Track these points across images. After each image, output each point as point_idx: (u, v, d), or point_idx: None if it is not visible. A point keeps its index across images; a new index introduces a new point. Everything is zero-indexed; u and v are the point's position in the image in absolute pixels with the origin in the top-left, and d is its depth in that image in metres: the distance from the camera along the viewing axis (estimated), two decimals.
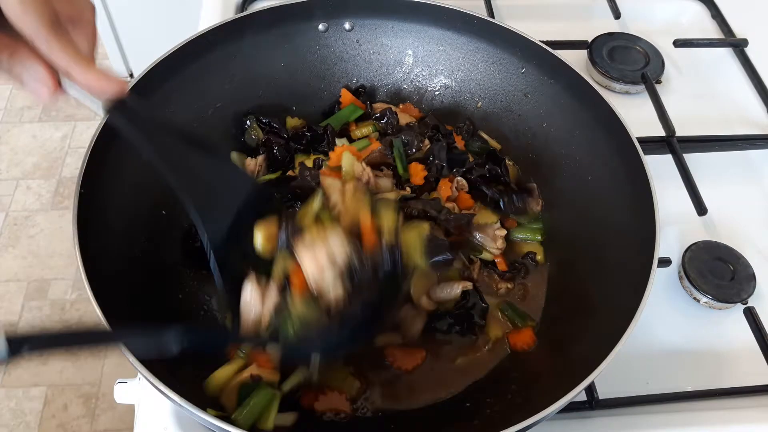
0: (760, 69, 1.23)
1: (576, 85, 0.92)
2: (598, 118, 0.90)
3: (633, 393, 0.84)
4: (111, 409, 2.04)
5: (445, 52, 1.04)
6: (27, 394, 2.07)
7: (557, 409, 0.66)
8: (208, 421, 0.63)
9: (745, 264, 0.96)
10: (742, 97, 1.22)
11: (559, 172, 0.96)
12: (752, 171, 1.12)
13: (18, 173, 2.64)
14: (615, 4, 1.31)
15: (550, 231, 0.96)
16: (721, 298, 0.93)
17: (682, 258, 0.96)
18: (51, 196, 2.57)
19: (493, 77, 1.02)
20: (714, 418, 0.83)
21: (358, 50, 1.05)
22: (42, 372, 2.11)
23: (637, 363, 0.88)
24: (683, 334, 0.92)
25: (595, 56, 1.22)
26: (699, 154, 1.09)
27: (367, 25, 1.03)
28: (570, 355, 0.80)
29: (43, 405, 2.05)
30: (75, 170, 2.62)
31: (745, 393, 0.85)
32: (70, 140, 2.76)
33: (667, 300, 0.96)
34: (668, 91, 1.21)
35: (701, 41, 1.26)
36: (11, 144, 2.74)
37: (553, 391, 0.67)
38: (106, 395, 2.06)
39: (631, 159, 0.84)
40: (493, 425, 0.65)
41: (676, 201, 1.00)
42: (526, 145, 1.02)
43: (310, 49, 1.03)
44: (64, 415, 2.03)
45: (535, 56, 0.96)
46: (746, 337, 0.91)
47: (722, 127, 1.16)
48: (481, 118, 1.06)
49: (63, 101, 0.63)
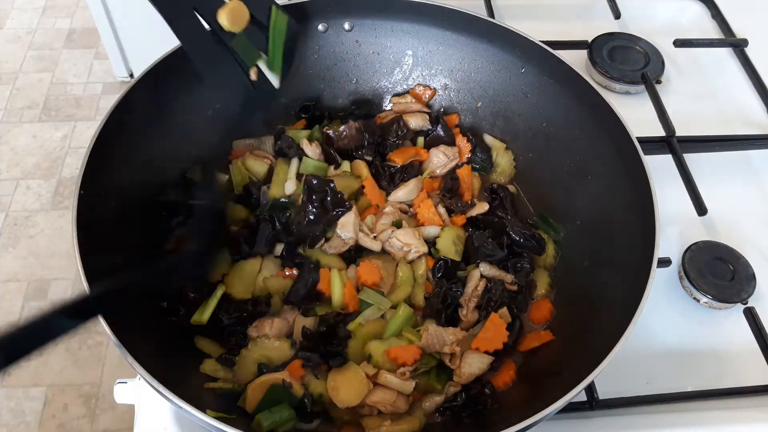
0: (760, 69, 1.23)
1: (576, 85, 0.92)
2: (598, 118, 0.90)
3: (633, 393, 0.84)
4: (111, 409, 2.04)
5: (445, 52, 1.04)
6: (27, 394, 2.07)
7: (557, 409, 0.66)
8: (206, 422, 0.63)
9: (745, 264, 0.96)
10: (742, 97, 1.22)
11: (559, 172, 0.96)
12: (752, 171, 1.12)
13: (18, 173, 2.64)
14: (615, 4, 1.31)
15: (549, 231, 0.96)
16: (721, 298, 0.93)
17: (682, 258, 0.96)
18: (51, 196, 2.57)
19: (493, 77, 1.02)
20: (714, 418, 0.83)
21: (357, 50, 1.05)
22: (42, 372, 2.11)
23: (637, 363, 0.88)
24: (683, 334, 0.92)
25: (595, 56, 1.22)
26: (699, 154, 1.09)
27: (366, 26, 1.03)
28: (570, 355, 0.80)
29: (43, 405, 2.05)
30: (75, 170, 2.63)
31: (745, 393, 0.85)
32: (70, 140, 2.75)
33: (667, 300, 0.96)
34: (668, 91, 1.21)
35: (701, 41, 1.26)
36: (11, 144, 2.74)
37: (553, 391, 0.67)
38: (106, 395, 2.06)
39: (631, 159, 0.84)
40: (494, 425, 0.65)
41: (676, 201, 1.00)
42: (526, 145, 1.02)
43: (310, 50, 1.03)
44: (64, 415, 2.03)
45: (535, 56, 0.96)
46: (746, 337, 0.91)
47: (722, 127, 1.16)
48: (481, 118, 1.06)
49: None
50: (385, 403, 0.78)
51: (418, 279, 0.90)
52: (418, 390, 0.81)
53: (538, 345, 0.86)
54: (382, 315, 0.85)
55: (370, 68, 1.07)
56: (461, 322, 0.87)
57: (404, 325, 0.84)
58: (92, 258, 0.72)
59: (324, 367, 0.81)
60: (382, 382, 0.79)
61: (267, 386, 0.77)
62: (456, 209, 0.96)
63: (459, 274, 0.90)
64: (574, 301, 0.88)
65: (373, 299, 0.85)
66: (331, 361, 0.81)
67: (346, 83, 1.07)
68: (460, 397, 0.81)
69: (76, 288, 2.28)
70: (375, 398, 0.78)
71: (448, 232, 0.92)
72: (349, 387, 0.78)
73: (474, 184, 1.01)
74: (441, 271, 0.89)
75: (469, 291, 0.87)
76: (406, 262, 0.90)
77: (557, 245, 0.95)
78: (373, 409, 0.79)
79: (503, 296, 0.88)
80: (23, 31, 3.18)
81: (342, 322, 0.83)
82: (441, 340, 0.82)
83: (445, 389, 0.82)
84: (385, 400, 0.78)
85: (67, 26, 3.20)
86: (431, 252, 0.91)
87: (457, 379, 0.82)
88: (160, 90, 0.90)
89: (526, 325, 0.89)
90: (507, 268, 0.91)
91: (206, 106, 0.97)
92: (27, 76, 2.99)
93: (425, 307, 0.88)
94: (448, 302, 0.87)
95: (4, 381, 2.09)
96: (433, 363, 0.83)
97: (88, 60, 3.07)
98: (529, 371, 0.85)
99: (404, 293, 0.88)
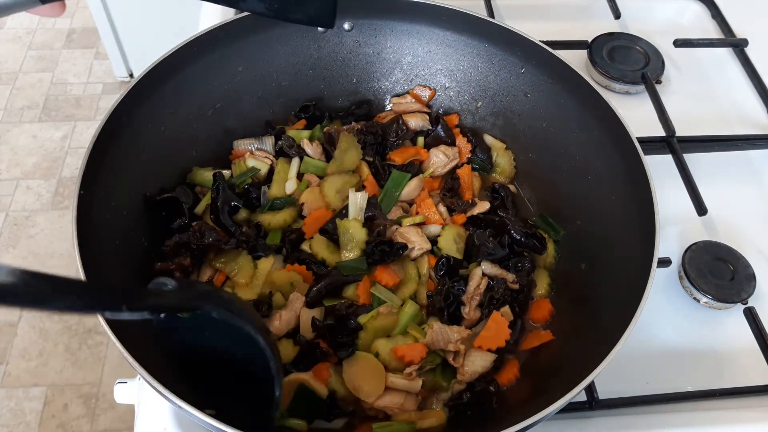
0: (760, 69, 1.23)
1: (576, 85, 0.92)
2: (598, 118, 0.90)
3: (633, 393, 0.84)
4: (111, 409, 2.04)
5: (445, 52, 1.04)
6: (27, 394, 2.07)
7: (557, 409, 0.66)
8: (206, 422, 0.63)
9: (745, 264, 0.96)
10: (742, 97, 1.22)
11: (559, 172, 0.96)
12: (752, 171, 1.12)
13: (18, 173, 2.64)
14: (615, 4, 1.31)
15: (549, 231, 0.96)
16: (721, 298, 0.93)
17: (682, 258, 0.96)
18: (51, 196, 2.57)
19: (493, 77, 1.02)
20: (714, 418, 0.83)
21: (357, 50, 1.05)
22: (42, 372, 2.11)
23: (637, 363, 0.88)
24: (683, 334, 0.92)
25: (595, 56, 1.22)
26: (699, 154, 1.09)
27: (366, 25, 1.03)
28: (570, 355, 0.80)
29: (43, 405, 2.05)
30: (75, 170, 2.63)
31: (745, 393, 0.85)
32: (70, 140, 2.76)
33: (667, 300, 0.96)
34: (668, 91, 1.21)
35: (701, 41, 1.26)
36: (11, 144, 2.74)
37: (553, 391, 0.67)
38: (106, 395, 2.06)
39: (631, 159, 0.84)
40: (494, 425, 0.65)
41: (676, 201, 1.00)
42: (526, 145, 1.02)
43: (310, 50, 1.03)
44: (64, 415, 2.03)
45: (535, 56, 0.96)
46: (746, 337, 0.91)
47: (722, 127, 1.16)
48: (481, 118, 1.06)
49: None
50: (393, 407, 0.78)
51: (422, 276, 0.90)
52: (424, 388, 0.81)
53: (538, 345, 0.86)
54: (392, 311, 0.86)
55: (370, 68, 1.07)
56: (463, 320, 0.87)
57: (412, 321, 0.85)
58: (92, 258, 0.72)
59: (334, 359, 0.81)
60: (389, 385, 0.79)
61: (295, 386, 0.77)
62: (457, 208, 0.96)
63: (461, 273, 0.90)
64: (574, 301, 0.88)
65: (385, 296, 0.86)
66: (339, 352, 0.81)
67: (346, 83, 1.07)
68: (465, 395, 0.81)
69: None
70: (383, 402, 0.78)
71: (449, 230, 0.92)
72: (368, 378, 0.79)
73: (474, 184, 1.01)
74: (443, 269, 0.89)
75: (472, 289, 0.87)
76: (410, 259, 0.91)
77: (557, 245, 0.95)
78: (380, 413, 0.80)
79: (505, 295, 0.88)
80: (23, 31, 3.18)
81: (354, 314, 0.84)
82: (445, 337, 0.82)
83: (451, 386, 0.82)
84: (393, 403, 0.78)
85: (67, 26, 3.20)
86: (433, 250, 0.92)
87: (461, 377, 0.82)
88: (161, 90, 0.90)
89: (527, 325, 0.89)
90: (508, 268, 0.91)
91: (206, 106, 0.97)
92: (27, 76, 3.00)
93: (428, 304, 0.88)
94: (451, 300, 0.87)
95: (4, 381, 2.09)
96: (439, 360, 0.83)
97: (88, 60, 3.07)
98: (531, 370, 0.85)
99: (410, 290, 0.88)
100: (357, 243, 0.88)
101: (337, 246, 0.89)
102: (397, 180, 0.95)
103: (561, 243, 0.95)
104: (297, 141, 0.99)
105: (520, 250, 0.92)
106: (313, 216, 0.91)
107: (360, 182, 0.96)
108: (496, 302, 0.87)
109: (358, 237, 0.88)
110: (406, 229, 0.91)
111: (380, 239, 0.88)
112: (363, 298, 0.86)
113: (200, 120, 0.96)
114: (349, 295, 0.86)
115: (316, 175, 0.97)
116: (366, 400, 0.78)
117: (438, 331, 0.82)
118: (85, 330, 2.21)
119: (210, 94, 0.97)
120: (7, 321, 2.22)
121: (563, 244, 0.94)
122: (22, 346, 2.17)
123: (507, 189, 0.99)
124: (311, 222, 0.91)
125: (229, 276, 0.87)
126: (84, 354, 2.16)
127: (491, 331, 0.83)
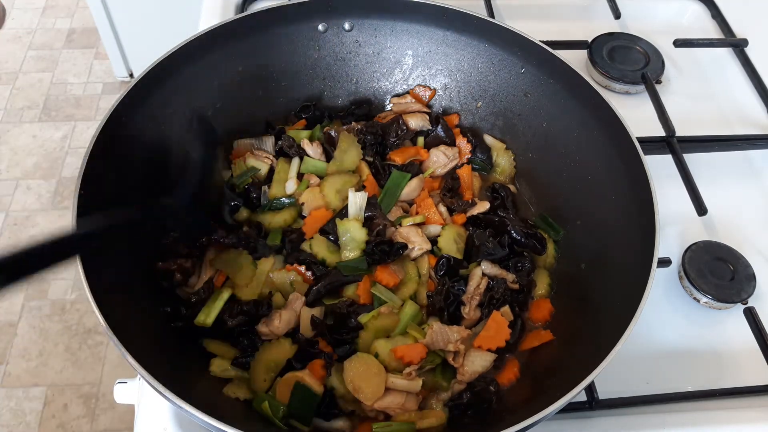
0: (760, 69, 1.23)
1: (576, 85, 0.92)
2: (598, 118, 0.90)
3: (633, 393, 0.84)
4: (111, 409, 2.04)
5: (445, 52, 1.04)
6: (27, 394, 2.07)
7: (557, 409, 0.66)
8: (206, 422, 0.63)
9: (745, 264, 0.96)
10: (742, 97, 1.22)
11: (559, 172, 0.96)
12: (752, 171, 1.12)
13: (18, 173, 2.64)
14: (615, 4, 1.31)
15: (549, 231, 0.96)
16: (721, 298, 0.93)
17: (682, 258, 0.96)
18: (51, 196, 2.57)
19: (493, 77, 1.02)
20: (714, 418, 0.83)
21: (357, 50, 1.05)
22: (42, 372, 2.12)
23: (637, 363, 0.88)
24: (683, 334, 0.92)
25: (595, 56, 1.22)
26: (699, 154, 1.09)
27: (366, 25, 1.03)
28: (570, 355, 0.80)
29: (43, 405, 2.05)
30: (75, 170, 2.63)
31: (745, 393, 0.85)
32: (70, 140, 2.76)
33: (667, 300, 0.96)
34: (668, 91, 1.21)
35: (701, 41, 1.26)
36: (11, 144, 2.74)
37: (553, 391, 0.67)
38: (106, 395, 2.07)
39: (631, 159, 0.84)
40: (494, 425, 0.65)
41: (676, 201, 1.00)
42: (526, 145, 1.02)
43: (310, 50, 1.03)
44: (64, 415, 2.03)
45: (535, 56, 0.96)
46: (746, 337, 0.91)
47: (722, 127, 1.16)
48: (481, 118, 1.06)
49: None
50: (394, 408, 0.78)
51: (422, 276, 0.90)
52: (425, 387, 0.81)
53: (538, 345, 0.86)
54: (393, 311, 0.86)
55: (370, 68, 1.07)
56: (463, 320, 0.87)
57: (412, 321, 0.85)
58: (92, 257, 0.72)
59: (335, 356, 0.82)
60: (389, 386, 0.79)
61: (292, 383, 0.78)
62: (457, 208, 0.96)
63: (461, 273, 0.90)
64: (574, 301, 0.88)
65: (385, 296, 0.86)
66: (338, 350, 0.81)
67: (346, 83, 1.07)
68: (465, 395, 0.81)
69: (76, 288, 2.29)
70: (384, 403, 0.78)
71: (449, 230, 0.92)
72: (369, 380, 0.78)
73: (474, 184, 1.01)
74: (443, 269, 0.89)
75: (472, 289, 0.87)
76: (410, 259, 0.91)
77: (557, 245, 0.95)
78: (380, 414, 0.80)
79: (505, 294, 0.88)
80: (23, 31, 3.18)
81: (354, 312, 0.84)
82: (445, 337, 0.82)
83: (451, 386, 0.82)
84: (394, 404, 0.78)
85: (67, 26, 3.20)
86: (433, 250, 0.92)
87: (461, 377, 0.82)
88: (161, 89, 0.90)
89: (527, 325, 0.89)
90: (508, 268, 0.91)
91: (207, 106, 0.97)
92: (27, 76, 3.00)
93: (428, 304, 0.88)
94: (451, 300, 0.87)
95: (4, 381, 2.09)
96: (439, 360, 0.83)
97: (88, 60, 3.07)
98: (531, 370, 0.85)
99: (410, 290, 0.88)
100: (357, 243, 0.88)
101: (337, 246, 0.89)
102: (397, 180, 0.95)
103: (561, 243, 0.95)
104: (297, 141, 0.99)
105: (520, 250, 0.92)
106: (313, 216, 0.92)
107: (360, 182, 0.96)
108: (496, 302, 0.87)
109: (358, 237, 0.88)
110: (406, 229, 0.91)
111: (380, 239, 0.88)
112: (363, 298, 0.86)
113: (200, 119, 0.96)
114: (349, 295, 0.86)
115: (316, 175, 0.97)
116: (366, 403, 0.78)
117: (438, 331, 0.82)
118: (85, 330, 2.21)
119: (210, 94, 0.97)
120: (7, 321, 2.22)
121: (563, 244, 0.94)
122: (22, 346, 2.17)
123: (507, 189, 0.99)
124: (311, 222, 0.91)
125: (229, 276, 0.87)
126: (84, 354, 2.16)
127: (491, 331, 0.84)
